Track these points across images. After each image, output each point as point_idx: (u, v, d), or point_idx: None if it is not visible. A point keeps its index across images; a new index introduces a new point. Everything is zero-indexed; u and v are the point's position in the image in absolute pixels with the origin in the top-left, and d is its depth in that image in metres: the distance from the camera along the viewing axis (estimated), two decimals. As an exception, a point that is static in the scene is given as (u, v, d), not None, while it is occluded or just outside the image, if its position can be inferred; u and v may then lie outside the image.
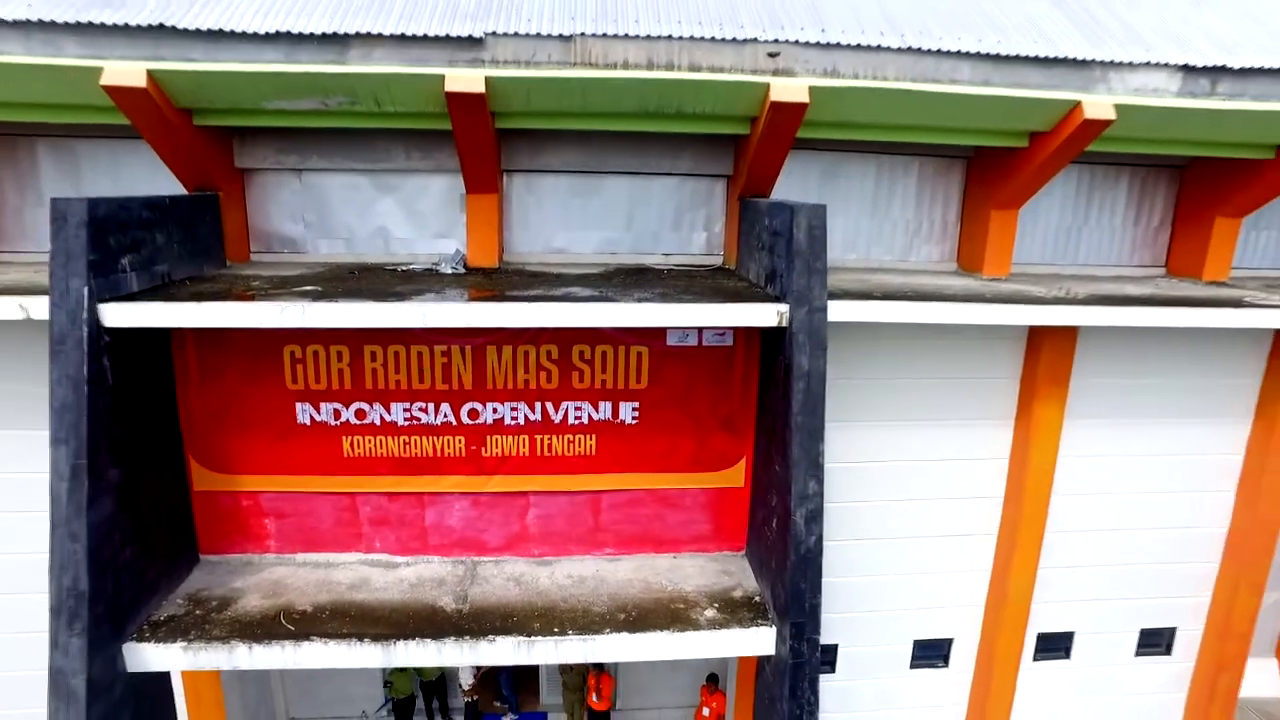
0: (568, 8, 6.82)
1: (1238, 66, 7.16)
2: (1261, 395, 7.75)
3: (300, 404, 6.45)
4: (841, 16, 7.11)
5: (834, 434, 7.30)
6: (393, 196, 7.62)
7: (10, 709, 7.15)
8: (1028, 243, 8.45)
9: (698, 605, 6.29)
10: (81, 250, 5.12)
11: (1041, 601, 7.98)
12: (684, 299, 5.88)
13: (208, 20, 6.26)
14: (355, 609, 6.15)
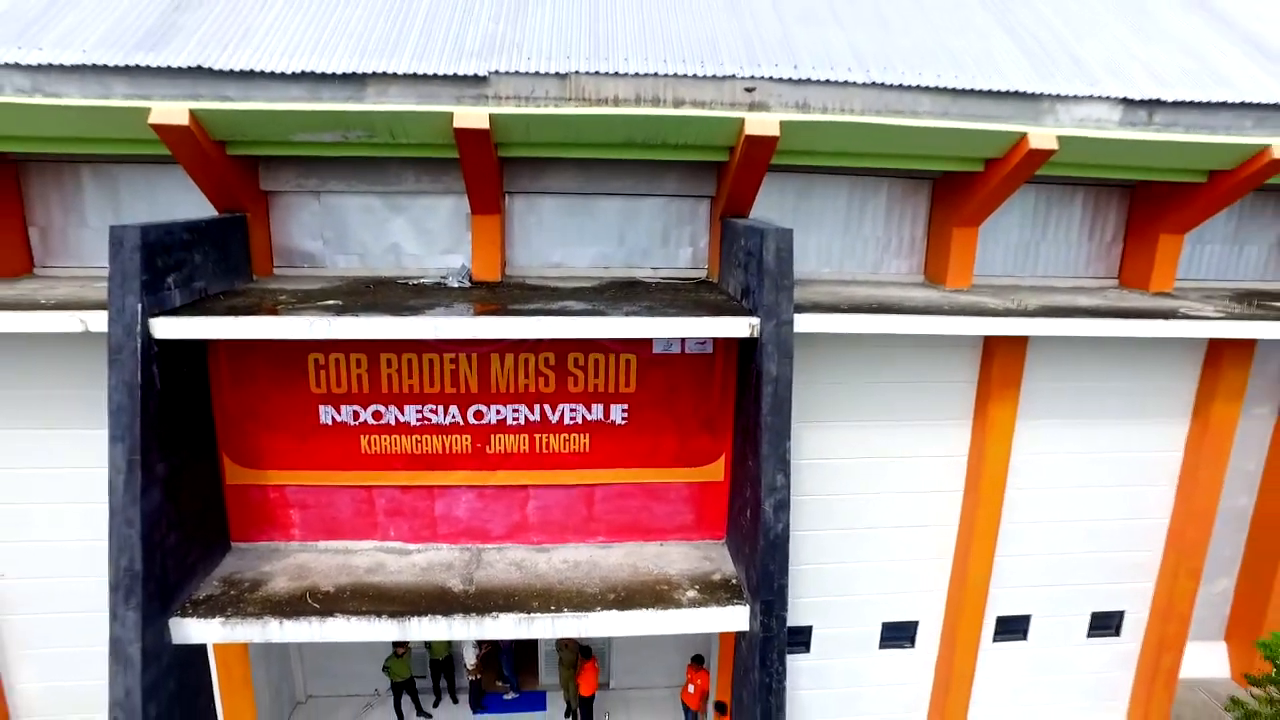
0: (564, 46, 7.52)
1: (1172, 99, 7.87)
2: (1197, 398, 8.47)
3: (323, 406, 7.17)
4: (813, 52, 7.81)
5: (809, 433, 8.08)
6: (404, 216, 8.34)
7: (66, 679, 7.86)
8: (990, 256, 9.18)
9: (680, 587, 7.00)
10: (136, 271, 5.83)
11: (1000, 587, 8.71)
12: (667, 312, 6.59)
13: (240, 61, 6.96)
14: (373, 590, 6.86)
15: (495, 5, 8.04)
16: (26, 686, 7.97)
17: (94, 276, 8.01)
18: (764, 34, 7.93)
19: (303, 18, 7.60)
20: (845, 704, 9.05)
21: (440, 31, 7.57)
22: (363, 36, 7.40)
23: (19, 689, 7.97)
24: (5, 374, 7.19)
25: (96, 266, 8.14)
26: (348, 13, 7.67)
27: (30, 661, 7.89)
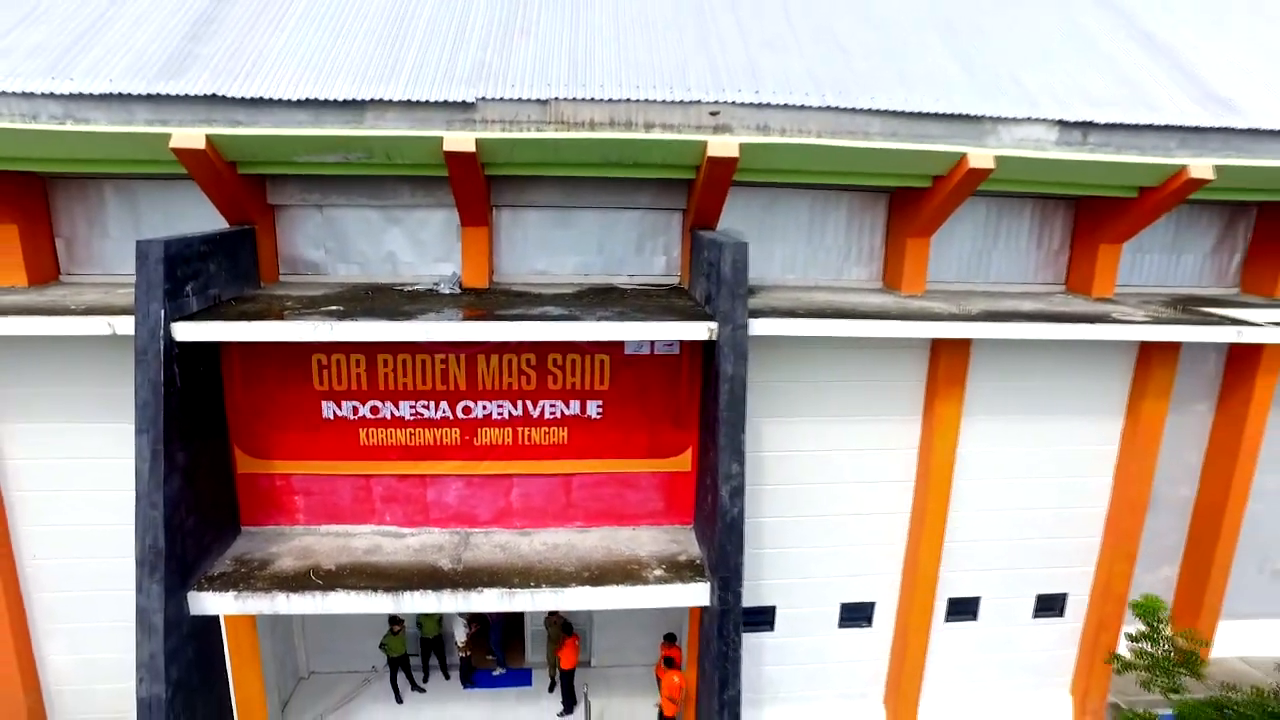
0: (545, 74, 8.22)
1: (1104, 122, 8.56)
2: (1130, 396, 9.17)
3: (325, 402, 7.90)
4: (775, 77, 8.51)
5: (772, 427, 8.81)
6: (399, 227, 9.06)
7: (92, 652, 8.60)
8: (945, 263, 9.87)
9: (649, 566, 7.71)
10: (159, 281, 6.55)
11: (950, 570, 9.41)
12: (636, 317, 7.31)
13: (250, 89, 7.67)
14: (370, 568, 7.58)
15: (484, 34, 8.75)
16: (56, 659, 8.71)
17: (116, 283, 8.75)
18: (730, 61, 8.63)
19: (307, 47, 8.31)
20: (808, 679, 9.76)
21: (433, 59, 8.28)
22: (362, 64, 8.11)
23: (49, 661, 8.71)
24: (38, 373, 7.93)
25: (118, 274, 8.88)
26: (347, 43, 8.38)
27: (59, 635, 8.63)
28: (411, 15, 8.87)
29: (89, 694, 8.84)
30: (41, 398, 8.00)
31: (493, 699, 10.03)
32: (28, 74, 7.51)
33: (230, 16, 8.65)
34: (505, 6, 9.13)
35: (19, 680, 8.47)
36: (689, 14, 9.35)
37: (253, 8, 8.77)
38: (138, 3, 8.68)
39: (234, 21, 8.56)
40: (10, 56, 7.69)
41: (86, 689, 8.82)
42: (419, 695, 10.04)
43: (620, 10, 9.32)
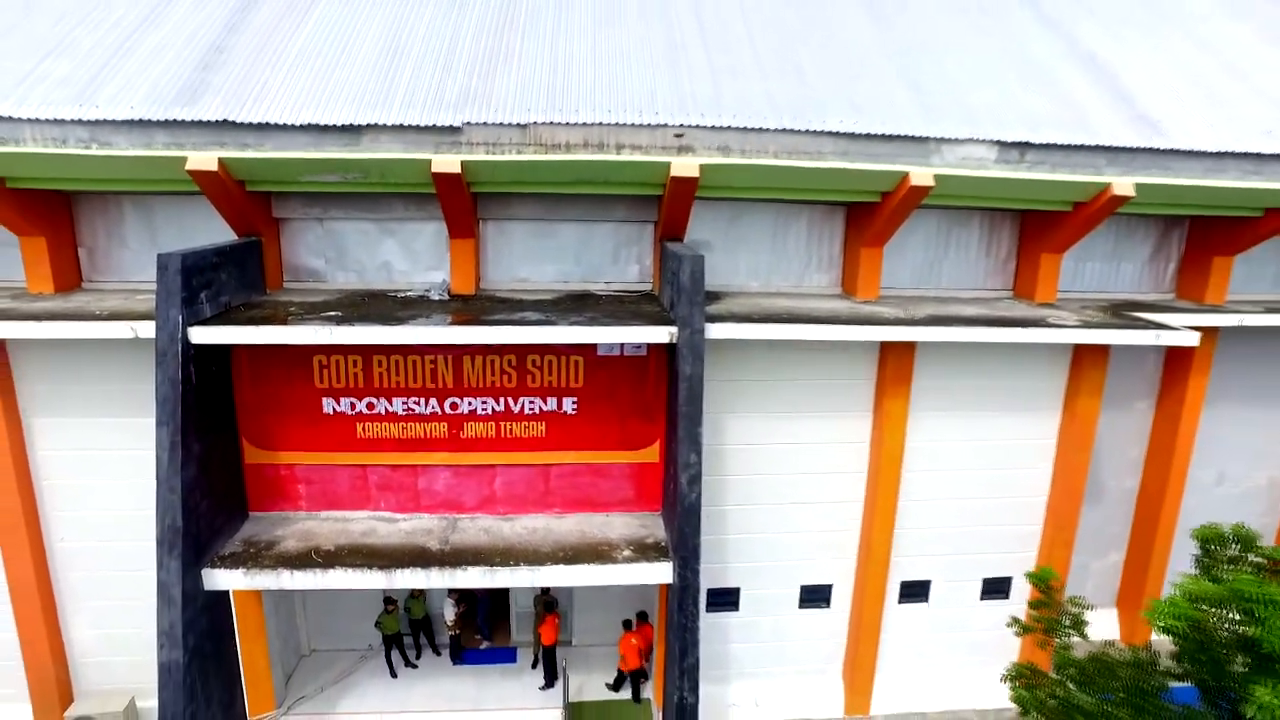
0: (525, 99, 9.00)
1: (1039, 142, 9.33)
2: (1066, 394, 9.95)
3: (325, 398, 8.70)
4: (736, 102, 9.28)
5: (735, 422, 9.60)
6: (394, 239, 9.85)
7: (113, 627, 9.41)
8: (899, 270, 10.63)
9: (619, 548, 8.50)
10: (177, 290, 7.35)
11: (902, 555, 10.19)
12: (605, 322, 8.10)
13: (257, 115, 8.46)
14: (366, 549, 8.37)
15: (470, 61, 9.53)
16: (81, 633, 9.53)
17: (134, 289, 9.55)
18: (696, 87, 9.41)
19: (308, 75, 9.09)
20: (772, 656, 10.53)
21: (423, 86, 9.06)
22: (358, 91, 8.89)
23: (74, 635, 9.53)
24: (65, 371, 8.75)
25: (135, 281, 9.68)
26: (345, 71, 9.17)
27: (84, 612, 9.45)
28: (404, 45, 9.66)
29: (109, 665, 9.66)
30: (68, 394, 8.82)
31: (480, 674, 10.83)
32: (58, 102, 8.32)
33: (238, 46, 9.45)
34: (490, 36, 9.92)
35: (48, 652, 9.30)
36: (660, 42, 10.13)
37: (259, 37, 9.57)
38: (154, 34, 9.49)
39: (242, 50, 9.36)
40: (41, 85, 8.50)
41: (107, 661, 9.64)
42: (412, 671, 10.85)
43: (597, 38, 10.11)
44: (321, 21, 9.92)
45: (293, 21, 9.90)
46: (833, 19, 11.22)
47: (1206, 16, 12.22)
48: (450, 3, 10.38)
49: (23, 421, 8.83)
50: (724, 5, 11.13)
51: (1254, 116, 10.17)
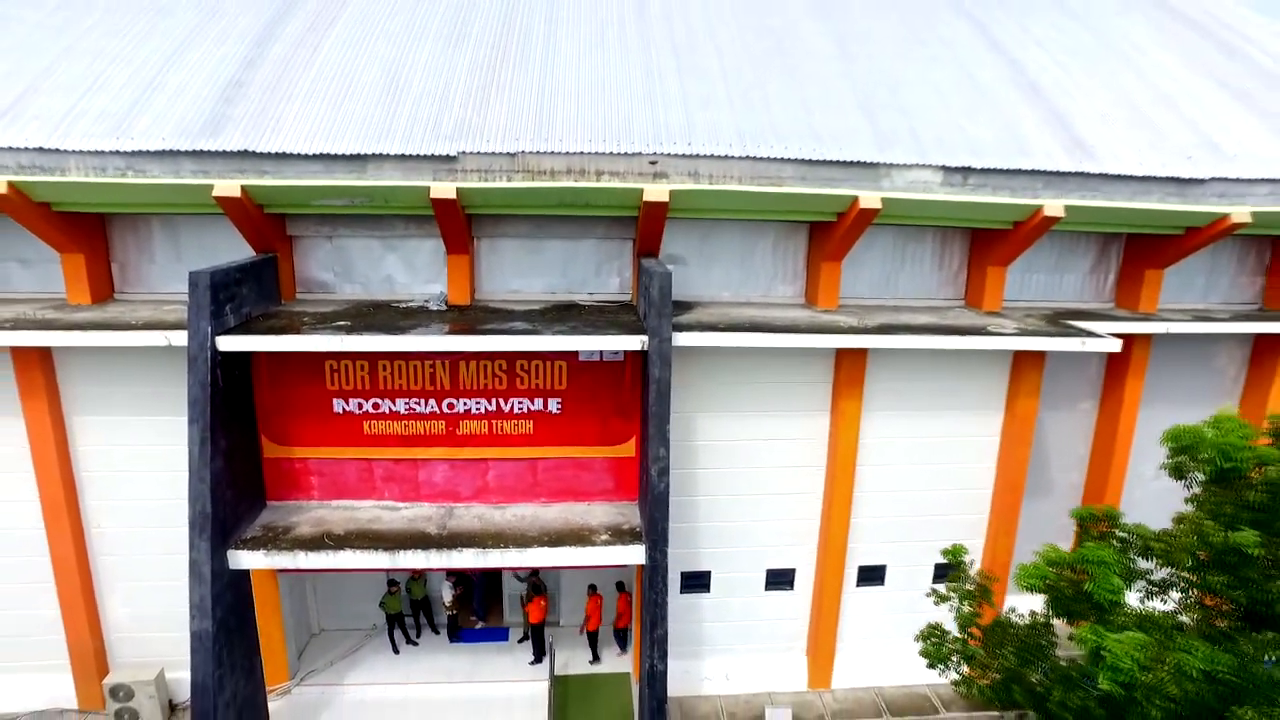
0: (514, 130, 9.97)
1: (980, 166, 10.31)
2: (1008, 395, 10.93)
3: (335, 399, 9.70)
4: (706, 130, 10.25)
5: (706, 421, 10.60)
6: (396, 254, 10.85)
7: (144, 605, 10.43)
8: (859, 282, 11.60)
9: (598, 533, 9.49)
10: (206, 303, 8.35)
11: (859, 542, 11.18)
12: (585, 331, 9.09)
13: (274, 145, 9.44)
14: (372, 533, 9.37)
15: (465, 94, 10.51)
16: (115, 611, 10.54)
17: (161, 300, 10.55)
18: (670, 116, 10.38)
19: (318, 108, 10.07)
20: (741, 635, 11.52)
21: (422, 118, 10.04)
22: (364, 123, 9.87)
23: (110, 612, 10.54)
24: (102, 374, 9.76)
25: (163, 292, 10.69)
26: (352, 104, 10.14)
27: (119, 592, 10.46)
28: (404, 78, 10.64)
29: (140, 641, 10.67)
30: (106, 395, 9.84)
31: (475, 651, 11.83)
32: (97, 135, 9.31)
33: (255, 80, 10.44)
34: (483, 69, 10.91)
35: (86, 629, 10.31)
36: (639, 72, 11.12)
37: (273, 72, 10.56)
38: (179, 71, 10.48)
39: (258, 85, 10.35)
40: (82, 120, 9.50)
41: (138, 637, 10.65)
42: (413, 648, 11.85)
43: (581, 70, 11.09)
44: (330, 57, 10.91)
45: (303, 57, 10.89)
46: (801, 49, 12.19)
47: (1144, 47, 13.19)
48: (447, 38, 11.37)
49: (65, 420, 9.84)
50: (699, 36, 12.12)
51: (1179, 142, 11.14)
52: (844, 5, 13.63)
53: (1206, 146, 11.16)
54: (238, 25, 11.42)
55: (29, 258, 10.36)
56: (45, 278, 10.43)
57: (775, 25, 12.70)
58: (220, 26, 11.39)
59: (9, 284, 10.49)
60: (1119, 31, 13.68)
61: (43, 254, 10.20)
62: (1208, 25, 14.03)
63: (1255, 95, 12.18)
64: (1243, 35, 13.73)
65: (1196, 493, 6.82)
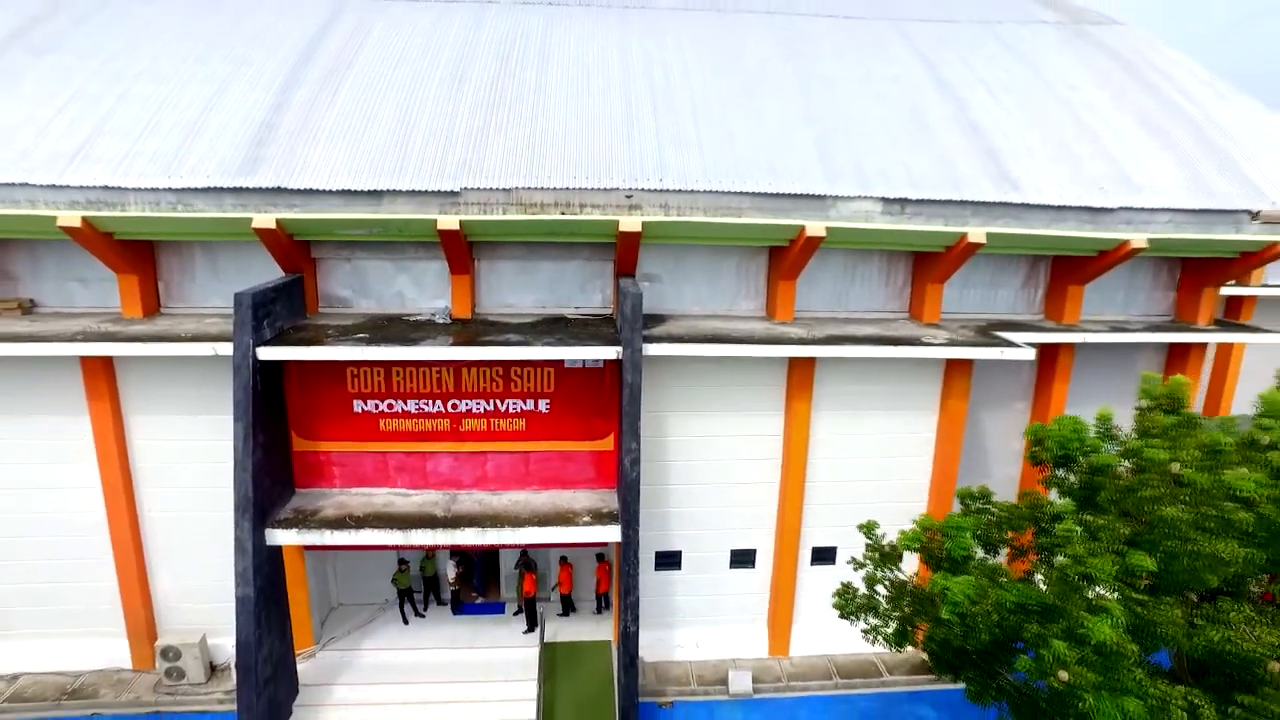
0: (509, 168, 11.49)
1: (916, 197, 11.82)
2: (942, 397, 12.45)
3: (356, 400, 11.26)
4: (677, 168, 11.76)
5: (677, 419, 12.15)
6: (406, 274, 12.40)
7: (187, 580, 12.02)
8: (814, 297, 13.13)
9: (581, 515, 11.04)
10: (248, 319, 9.91)
11: (811, 526, 12.72)
12: (569, 343, 10.63)
13: (302, 183, 10.98)
14: (387, 515, 10.93)
15: (466, 135, 12.03)
16: (163, 584, 12.13)
17: (202, 314, 12.11)
18: (644, 155, 11.91)
19: (339, 148, 11.59)
20: (709, 609, 13.08)
21: (430, 157, 11.56)
22: (379, 162, 11.41)
23: (158, 587, 12.13)
24: (155, 377, 11.34)
25: (203, 307, 12.25)
26: (367, 145, 11.66)
27: (166, 569, 12.05)
28: (413, 121, 12.16)
29: (184, 611, 12.26)
30: (158, 396, 11.42)
31: (475, 623, 13.40)
32: (152, 174, 10.87)
33: (283, 124, 11.96)
34: (482, 113, 12.43)
35: (140, 600, 11.91)
36: (619, 117, 12.63)
37: (299, 116, 12.08)
38: (217, 114, 12.00)
39: (286, 128, 11.87)
40: (139, 161, 11.05)
41: (183, 607, 12.25)
42: (420, 620, 13.43)
43: (568, 113, 12.60)
44: (347, 100, 12.45)
45: (324, 101, 12.43)
46: (766, 89, 13.70)
47: (1076, 84, 14.67)
48: (449, 85, 12.90)
49: (124, 419, 11.42)
50: (676, 80, 13.63)
51: (1095, 174, 12.64)
52: (811, 46, 15.13)
53: (1119, 178, 12.66)
54: (265, 71, 12.96)
55: (88, 277, 11.94)
56: (102, 294, 12.01)
57: (746, 67, 14.22)
58: (250, 73, 12.92)
59: (71, 300, 12.08)
60: (1055, 68, 15.16)
61: (100, 274, 11.78)
62: (1135, 63, 15.51)
63: (1167, 130, 13.67)
64: (1163, 73, 15.20)
65: (1046, 475, 8.36)
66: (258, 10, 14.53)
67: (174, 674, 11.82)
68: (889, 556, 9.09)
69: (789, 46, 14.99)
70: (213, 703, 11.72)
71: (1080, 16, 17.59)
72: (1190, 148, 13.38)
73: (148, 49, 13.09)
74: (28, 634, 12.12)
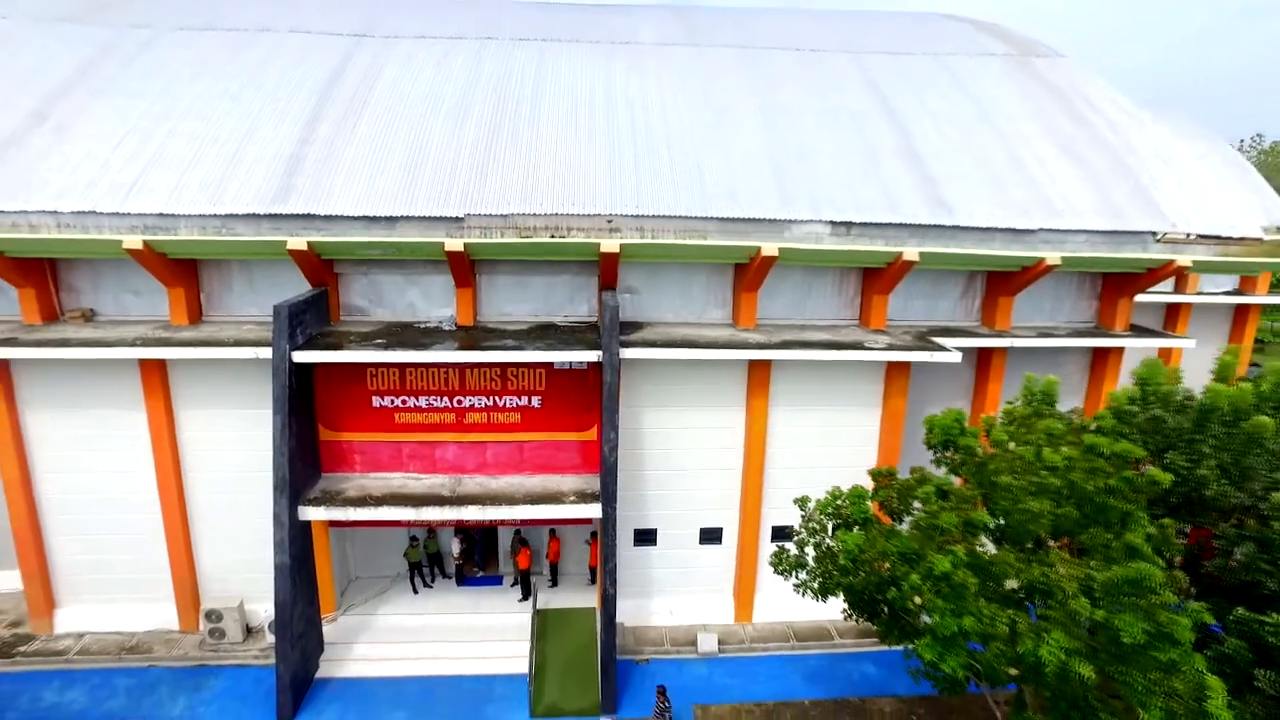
0: (506, 196, 13.29)
1: (859, 221, 13.61)
2: (884, 395, 14.24)
3: (374, 397, 13.08)
4: (652, 195, 13.57)
5: (653, 413, 13.94)
6: (416, 287, 14.20)
7: (226, 554, 13.85)
8: (775, 306, 14.91)
9: (568, 495, 12.85)
10: (285, 328, 11.72)
11: (771, 508, 14.52)
12: (557, 348, 12.43)
13: (328, 209, 12.80)
14: (402, 495, 12.74)
15: (469, 167, 13.82)
16: (206, 557, 13.96)
17: (239, 322, 13.91)
18: (624, 186, 13.70)
19: (359, 180, 13.40)
20: (681, 579, 14.88)
21: (437, 188, 13.36)
22: (393, 192, 13.21)
23: (202, 558, 13.96)
24: (201, 375, 13.15)
25: (239, 315, 14.05)
26: (383, 177, 13.47)
27: (209, 543, 13.87)
28: (422, 155, 13.94)
29: (224, 580, 14.08)
30: (203, 394, 13.23)
31: (476, 593, 15.23)
32: (199, 202, 12.68)
33: (309, 156, 13.76)
34: (483, 147, 14.21)
35: (187, 571, 13.74)
36: (603, 149, 14.41)
37: (322, 150, 13.87)
38: (253, 147, 13.80)
39: (312, 160, 13.67)
40: (187, 190, 12.86)
41: (223, 577, 14.07)
42: (428, 590, 15.25)
43: (558, 148, 14.39)
44: (364, 137, 14.23)
45: (344, 136, 14.22)
46: (733, 122, 15.49)
47: (1012, 115, 16.44)
48: (453, 120, 14.69)
49: (175, 413, 13.24)
50: (654, 116, 15.41)
51: (1020, 199, 14.42)
52: (775, 79, 16.91)
53: (1042, 202, 14.45)
54: (291, 109, 14.74)
55: (140, 289, 13.74)
56: (152, 304, 13.81)
57: (716, 101, 16.00)
58: (278, 108, 14.72)
59: (126, 309, 13.89)
60: (995, 100, 16.92)
61: (152, 286, 13.58)
62: (1067, 94, 17.27)
63: (1087, 157, 15.45)
64: (1093, 104, 16.97)
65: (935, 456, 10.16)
66: (281, 49, 16.33)
67: (216, 634, 13.64)
68: (816, 523, 10.86)
69: (756, 80, 16.77)
70: (249, 658, 13.54)
71: (1027, 49, 19.34)
72: (1107, 174, 15.17)
73: (188, 88, 14.89)
74: (92, 600, 13.95)
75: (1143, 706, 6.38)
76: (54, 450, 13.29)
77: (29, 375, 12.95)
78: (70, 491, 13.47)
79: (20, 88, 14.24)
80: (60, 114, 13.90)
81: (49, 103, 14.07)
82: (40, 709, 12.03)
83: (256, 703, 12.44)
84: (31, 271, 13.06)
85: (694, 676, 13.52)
